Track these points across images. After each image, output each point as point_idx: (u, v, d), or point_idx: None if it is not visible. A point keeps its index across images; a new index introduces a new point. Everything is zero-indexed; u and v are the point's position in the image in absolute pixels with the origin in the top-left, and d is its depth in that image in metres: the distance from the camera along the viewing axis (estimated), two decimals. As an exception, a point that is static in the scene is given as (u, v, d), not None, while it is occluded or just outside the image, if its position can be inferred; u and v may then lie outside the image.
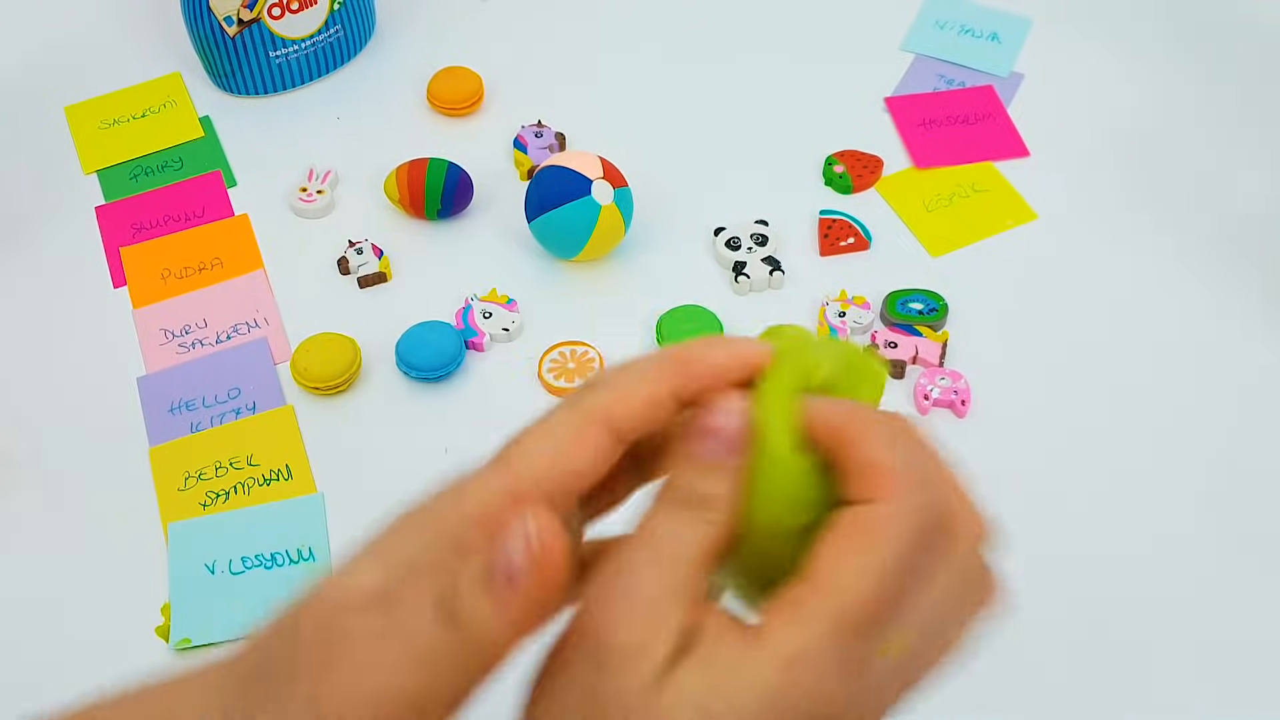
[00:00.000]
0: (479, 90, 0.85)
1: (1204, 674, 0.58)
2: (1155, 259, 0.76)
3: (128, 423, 0.69)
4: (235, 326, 0.73)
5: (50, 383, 0.71)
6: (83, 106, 0.87)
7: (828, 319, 0.71)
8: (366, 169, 0.81)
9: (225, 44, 0.83)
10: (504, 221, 0.78)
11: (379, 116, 0.86)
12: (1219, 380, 0.70)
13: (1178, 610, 0.60)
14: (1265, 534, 0.63)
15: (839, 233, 0.77)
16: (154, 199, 0.81)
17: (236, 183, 0.82)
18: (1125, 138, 0.83)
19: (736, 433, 0.30)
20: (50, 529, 0.64)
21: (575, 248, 0.73)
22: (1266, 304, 0.73)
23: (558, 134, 0.83)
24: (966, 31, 0.91)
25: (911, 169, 0.82)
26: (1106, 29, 0.91)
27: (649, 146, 0.82)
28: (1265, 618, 0.60)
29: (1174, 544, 0.63)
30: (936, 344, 0.70)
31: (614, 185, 0.72)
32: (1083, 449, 0.67)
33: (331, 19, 0.86)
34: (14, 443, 0.68)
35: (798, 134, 0.83)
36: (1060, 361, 0.71)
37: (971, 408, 0.68)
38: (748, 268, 0.74)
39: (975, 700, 0.58)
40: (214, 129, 0.85)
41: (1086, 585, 0.61)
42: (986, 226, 0.78)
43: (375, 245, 0.76)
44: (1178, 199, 0.79)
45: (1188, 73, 0.88)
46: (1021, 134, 0.83)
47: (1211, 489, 0.65)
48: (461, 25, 0.92)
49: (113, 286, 0.76)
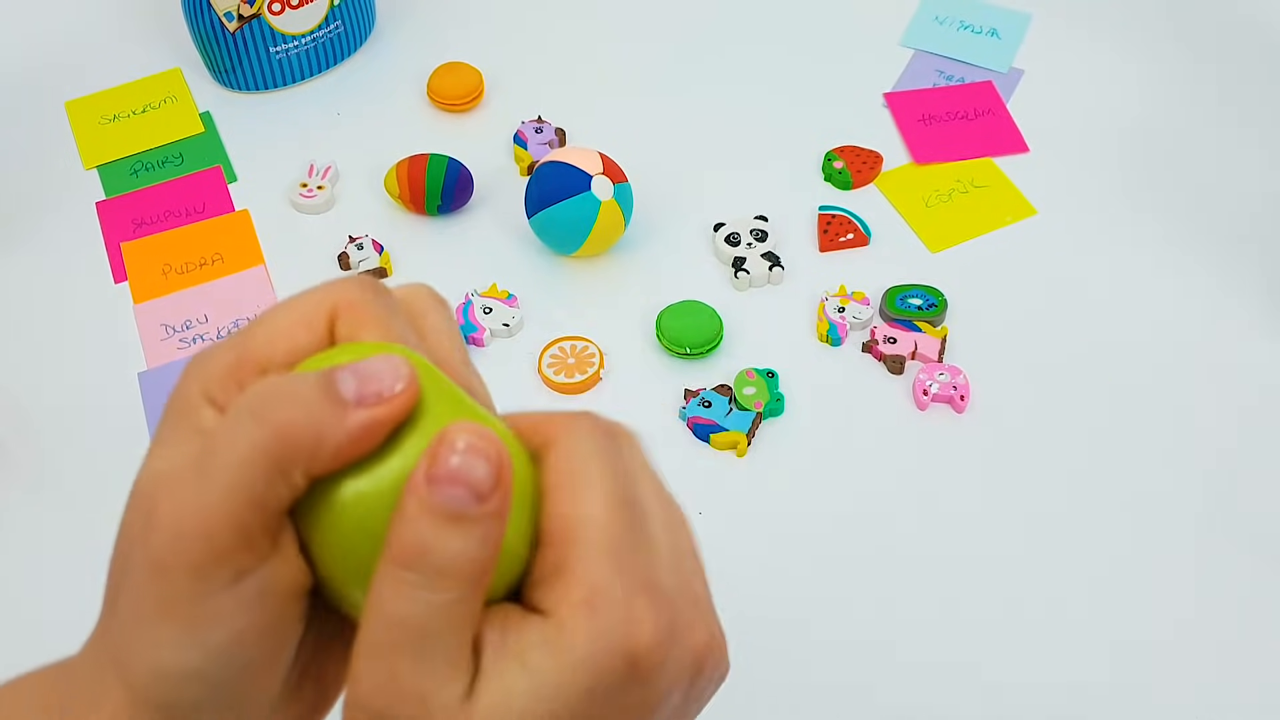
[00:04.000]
0: (479, 86, 0.85)
1: (1203, 669, 0.58)
2: (1155, 254, 0.76)
3: (129, 418, 0.69)
4: (236, 322, 0.73)
5: (51, 378, 0.71)
6: (83, 102, 0.87)
7: (827, 314, 0.72)
8: (367, 164, 0.81)
9: (225, 39, 0.83)
10: (504, 217, 0.78)
11: (379, 112, 0.86)
12: (1219, 375, 0.70)
13: (1178, 606, 0.61)
14: (1267, 529, 0.63)
15: (838, 228, 0.77)
16: (155, 194, 0.81)
17: (237, 178, 0.82)
18: (1124, 133, 0.83)
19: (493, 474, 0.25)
20: (51, 525, 0.64)
21: (575, 243, 0.73)
22: (1266, 299, 0.73)
23: (558, 129, 0.83)
24: (966, 27, 0.91)
25: (911, 165, 0.82)
26: (1106, 24, 0.91)
27: (649, 142, 0.82)
28: (1265, 613, 0.60)
29: (1175, 541, 0.63)
30: (936, 340, 0.70)
31: (614, 181, 0.72)
32: (1082, 444, 0.67)
33: (331, 14, 0.86)
34: (15, 438, 0.68)
35: (797, 129, 0.83)
36: (1060, 357, 0.71)
37: (971, 403, 0.68)
38: (747, 263, 0.74)
39: (978, 696, 0.58)
40: (214, 124, 0.85)
41: (1087, 581, 0.61)
42: (986, 222, 0.78)
43: (376, 241, 0.76)
44: (1177, 194, 0.79)
45: (1187, 68, 0.88)
46: (1021, 130, 0.84)
47: (1212, 484, 0.65)
48: (462, 20, 0.92)
49: (114, 282, 0.76)
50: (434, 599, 0.25)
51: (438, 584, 0.25)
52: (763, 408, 0.67)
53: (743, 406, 0.67)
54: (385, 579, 0.26)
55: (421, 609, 0.25)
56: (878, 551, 0.63)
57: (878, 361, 0.71)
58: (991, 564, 0.62)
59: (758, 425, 0.67)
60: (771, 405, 0.68)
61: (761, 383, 0.68)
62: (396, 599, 0.25)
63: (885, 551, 0.63)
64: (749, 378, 0.68)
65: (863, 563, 0.62)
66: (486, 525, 0.25)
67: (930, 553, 0.63)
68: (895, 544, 0.63)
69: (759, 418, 0.67)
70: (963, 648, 0.59)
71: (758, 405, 0.67)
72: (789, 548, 0.63)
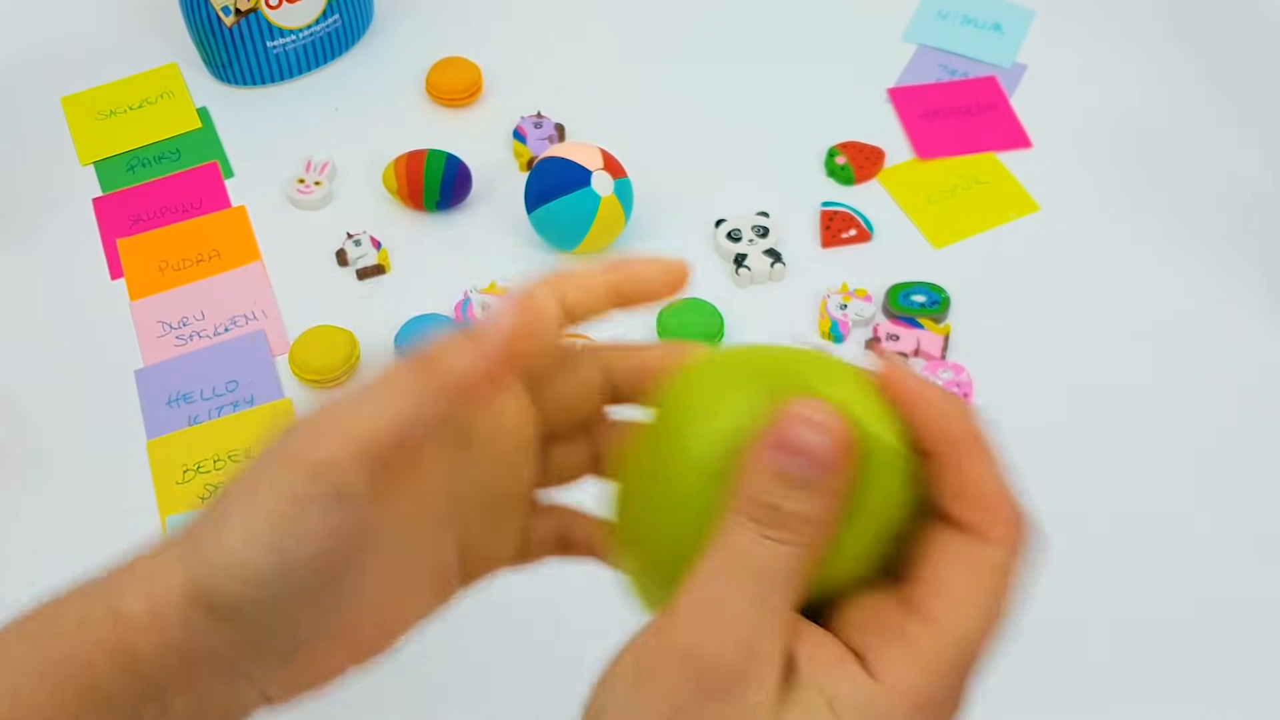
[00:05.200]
0: (478, 81, 0.85)
1: (1203, 666, 0.58)
2: (1157, 250, 0.76)
3: (125, 416, 0.68)
4: (233, 319, 0.73)
5: (47, 375, 0.71)
6: (79, 97, 0.86)
7: (829, 311, 0.71)
8: (365, 160, 0.81)
9: (222, 34, 0.83)
10: (503, 213, 0.78)
11: (377, 107, 0.85)
12: (1221, 370, 0.70)
13: (1178, 605, 0.60)
14: (1266, 522, 0.63)
15: (841, 224, 0.76)
16: (151, 190, 0.80)
17: (234, 174, 0.81)
18: (1127, 129, 0.83)
19: (835, 448, 0.27)
20: (47, 522, 0.64)
21: (575, 239, 0.72)
22: (1267, 296, 0.73)
23: (557, 125, 0.82)
24: (969, 22, 0.91)
25: (914, 160, 0.81)
26: (1109, 20, 0.91)
27: (649, 137, 0.81)
28: (1266, 610, 0.60)
29: (1176, 538, 0.63)
30: (939, 336, 0.70)
31: (614, 176, 0.71)
32: (1085, 440, 0.66)
33: (329, 8, 0.85)
34: (11, 435, 0.67)
35: (799, 125, 0.83)
36: (1062, 353, 0.70)
37: (973, 400, 0.68)
38: (749, 260, 0.74)
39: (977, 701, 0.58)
40: (211, 120, 0.85)
41: (1088, 576, 0.61)
42: (989, 218, 0.78)
43: (374, 237, 0.76)
44: (1180, 190, 0.79)
45: (1190, 64, 0.87)
46: (1024, 125, 0.83)
47: (1214, 479, 0.65)
48: (460, 15, 0.92)
49: (110, 278, 0.75)
50: (782, 551, 0.27)
51: (786, 536, 0.27)
52: (764, 405, 0.67)
53: (744, 404, 0.67)
54: (735, 527, 0.27)
55: (770, 559, 0.27)
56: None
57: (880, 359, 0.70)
58: (995, 563, 0.62)
59: (759, 423, 0.67)
60: (773, 403, 0.67)
61: (763, 380, 0.68)
62: (745, 545, 0.27)
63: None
64: (750, 375, 0.68)
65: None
66: (826, 494, 0.27)
67: (933, 551, 0.62)
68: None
69: (760, 415, 0.67)
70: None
71: (759, 403, 0.67)
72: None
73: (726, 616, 0.27)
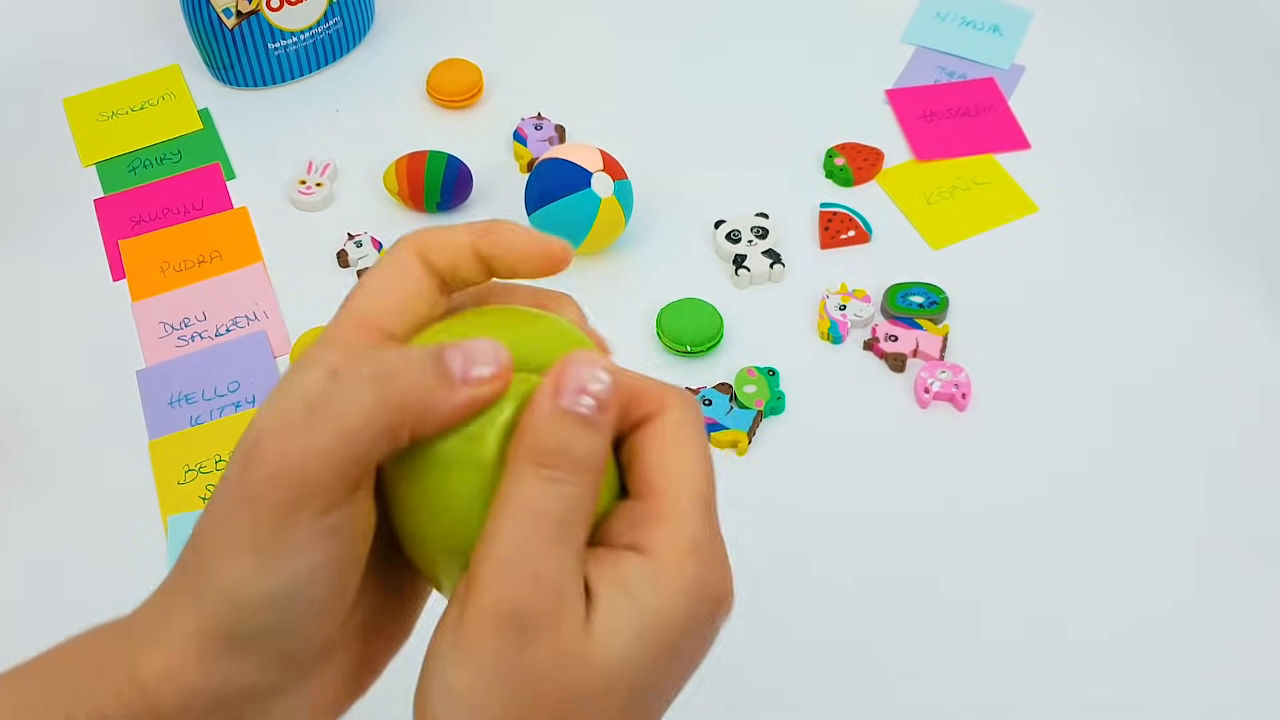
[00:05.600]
0: (479, 82, 0.85)
1: (1203, 663, 0.58)
2: (1156, 251, 0.76)
3: (127, 416, 0.69)
4: (235, 319, 0.73)
5: (49, 376, 0.71)
6: (81, 99, 0.87)
7: (828, 312, 0.71)
8: (366, 161, 0.81)
9: (224, 36, 0.83)
10: (504, 214, 0.78)
11: (378, 109, 0.86)
12: (1221, 372, 0.70)
13: (1179, 604, 0.60)
14: (1267, 526, 0.63)
15: (839, 225, 0.77)
16: (153, 191, 0.80)
17: (235, 175, 0.82)
18: (1126, 130, 0.83)
19: (611, 389, 0.30)
20: (49, 523, 0.64)
21: (575, 240, 0.73)
22: (1266, 296, 0.73)
23: (558, 126, 0.82)
24: (967, 23, 0.91)
25: (912, 161, 0.81)
26: (1107, 21, 0.91)
27: (649, 139, 0.81)
28: (1266, 608, 0.60)
29: (1175, 537, 0.63)
30: (937, 337, 0.70)
31: (614, 178, 0.72)
32: (1083, 442, 0.67)
33: (330, 11, 0.85)
34: (13, 436, 0.68)
35: (798, 126, 0.83)
36: (1061, 354, 0.71)
37: (972, 401, 0.68)
38: (748, 260, 0.74)
39: (979, 695, 0.58)
40: (213, 121, 0.85)
41: (1088, 579, 0.61)
42: (987, 219, 0.78)
43: (375, 238, 0.76)
44: (1179, 191, 0.79)
45: (1189, 64, 0.87)
46: (1022, 126, 0.83)
47: (1214, 481, 0.65)
48: (461, 17, 0.92)
49: (112, 279, 0.76)
50: (571, 492, 0.29)
51: (575, 477, 0.29)
52: (763, 406, 0.67)
53: (743, 405, 0.67)
54: (526, 478, 0.29)
55: (562, 502, 0.29)
56: (879, 551, 0.62)
57: (879, 359, 0.70)
58: (993, 562, 0.62)
59: (758, 423, 0.67)
60: (772, 403, 0.67)
61: (762, 381, 0.68)
62: (538, 493, 0.29)
63: (886, 551, 0.62)
64: (750, 376, 0.68)
65: (864, 562, 0.62)
66: (606, 432, 0.30)
67: (931, 551, 0.62)
68: (896, 543, 0.63)
69: (760, 416, 0.67)
70: (964, 645, 0.59)
71: (758, 403, 0.67)
72: (790, 547, 0.63)
73: (532, 565, 0.28)
